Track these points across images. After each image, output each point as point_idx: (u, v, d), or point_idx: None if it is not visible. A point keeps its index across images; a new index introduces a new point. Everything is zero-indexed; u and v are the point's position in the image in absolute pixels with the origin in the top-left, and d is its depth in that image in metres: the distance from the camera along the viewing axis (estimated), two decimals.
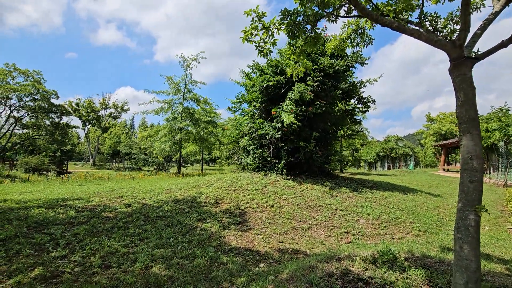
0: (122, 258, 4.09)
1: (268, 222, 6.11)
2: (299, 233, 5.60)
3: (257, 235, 5.41)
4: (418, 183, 14.91)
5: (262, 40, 3.46)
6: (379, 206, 7.48)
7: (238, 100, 11.79)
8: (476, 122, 2.48)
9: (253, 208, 6.88)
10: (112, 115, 53.07)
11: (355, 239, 5.38)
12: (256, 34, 3.41)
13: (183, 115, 19.79)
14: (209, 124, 20.86)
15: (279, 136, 9.33)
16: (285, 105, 9.05)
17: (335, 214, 6.65)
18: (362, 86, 10.72)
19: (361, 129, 10.85)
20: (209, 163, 72.05)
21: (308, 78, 9.32)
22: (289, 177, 9.79)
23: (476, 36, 2.75)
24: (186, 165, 50.56)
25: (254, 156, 11.01)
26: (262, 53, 3.59)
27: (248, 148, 11.29)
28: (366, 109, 10.76)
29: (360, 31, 4.26)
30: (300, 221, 6.20)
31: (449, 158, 36.50)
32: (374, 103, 10.47)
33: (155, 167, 42.76)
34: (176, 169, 41.53)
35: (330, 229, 5.80)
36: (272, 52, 3.65)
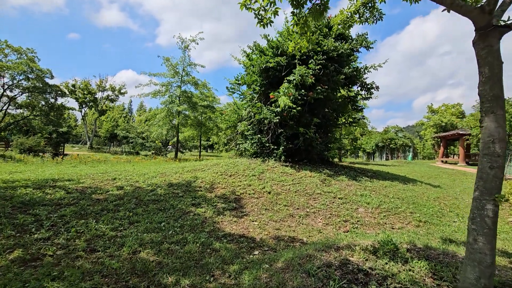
0: (109, 242, 3.88)
1: (265, 209, 5.91)
2: (296, 221, 5.41)
3: (253, 221, 5.21)
4: (417, 174, 14.79)
5: (262, 8, 3.10)
6: (378, 195, 7.30)
7: (237, 81, 11.38)
8: (501, 101, 2.19)
9: (249, 194, 6.67)
10: (109, 97, 52.13)
11: (354, 228, 5.20)
12: (256, 0, 3.05)
13: (180, 98, 19.32)
14: (207, 109, 20.40)
15: (278, 120, 9.02)
16: (283, 88, 8.68)
17: (333, 202, 6.46)
18: (366, 71, 10.33)
19: (362, 117, 10.57)
20: (207, 149, 71.91)
21: (310, 61, 8.92)
22: (287, 164, 9.56)
23: (505, 5, 2.41)
24: (184, 150, 50.35)
25: (252, 141, 10.73)
26: (261, 23, 3.23)
27: (246, 133, 11.00)
28: (369, 95, 10.40)
29: (370, 4, 3.88)
30: (298, 209, 6.01)
31: (448, 150, 36.45)
32: (378, 90, 10.12)
33: (153, 151, 42.58)
34: (173, 154, 41.42)
35: (328, 217, 5.61)
36: (273, 22, 3.29)
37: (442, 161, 32.79)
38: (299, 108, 8.77)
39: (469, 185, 11.61)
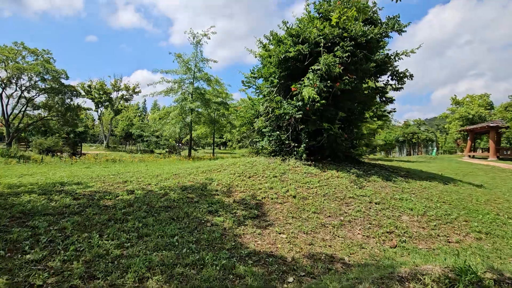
0: (112, 264, 3.23)
1: (291, 217, 5.13)
2: (330, 232, 4.60)
3: (280, 233, 4.45)
4: (450, 171, 13.54)
5: None
6: (420, 199, 6.36)
7: (252, 75, 10.59)
8: None
9: (272, 199, 5.91)
10: (124, 97, 52.75)
11: (402, 242, 4.34)
12: None
13: (193, 95, 18.76)
14: (220, 106, 19.77)
15: (300, 116, 8.17)
16: (307, 78, 7.80)
17: (370, 208, 5.59)
18: (397, 58, 9.27)
19: (394, 109, 9.52)
20: (220, 146, 71.81)
21: (335, 49, 7.99)
22: (310, 163, 8.73)
23: None
24: (197, 148, 50.27)
25: (271, 139, 9.95)
26: None
27: (263, 130, 10.22)
28: (400, 85, 9.34)
29: None
30: (329, 216, 5.19)
31: (475, 144, 34.19)
32: (412, 78, 9.04)
33: (167, 149, 42.57)
34: (187, 152, 41.29)
35: (367, 228, 4.77)
36: None
37: (469, 156, 30.76)
38: (323, 101, 7.89)
39: None
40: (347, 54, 7.71)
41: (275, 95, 9.22)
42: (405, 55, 9.25)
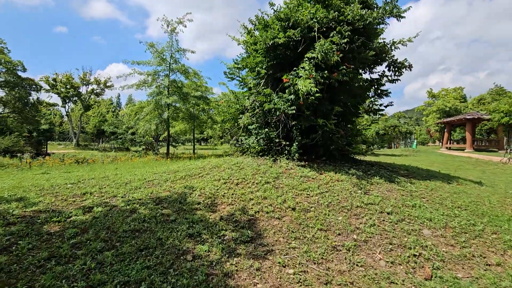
0: None
1: (294, 237, 4.12)
2: (346, 259, 3.64)
3: (284, 266, 3.41)
4: (439, 165, 13.24)
5: None
6: (433, 204, 5.60)
7: (236, 65, 9.40)
8: None
9: (267, 213, 4.86)
10: (95, 91, 49.23)
11: (435, 269, 3.46)
12: None
13: (170, 89, 17.17)
14: (200, 100, 18.30)
15: (293, 111, 7.15)
16: (302, 68, 6.77)
17: (383, 220, 4.71)
18: (393, 48, 8.48)
19: (391, 103, 8.79)
20: (201, 142, 69.81)
21: (332, 34, 7.00)
22: (303, 163, 7.78)
23: None
24: (176, 144, 48.16)
25: (259, 137, 8.88)
26: None
27: (250, 127, 9.12)
28: (397, 77, 8.60)
29: None
30: (340, 235, 4.24)
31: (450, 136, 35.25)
32: (411, 69, 8.30)
33: (144, 147, 40.24)
34: (168, 149, 39.18)
35: (389, 249, 3.86)
36: None
37: (447, 148, 31.62)
38: (318, 94, 6.92)
39: (509, 178, 10.09)
40: (345, 40, 6.75)
41: (263, 88, 8.12)
42: (402, 44, 8.45)
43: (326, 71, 6.79)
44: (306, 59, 6.77)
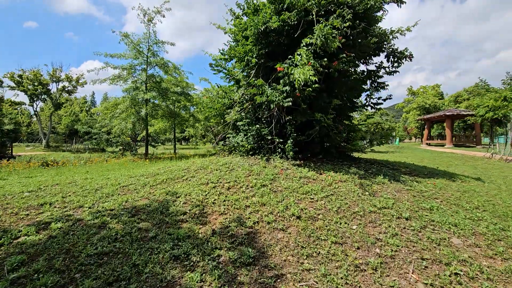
0: None
1: (306, 255, 3.35)
2: (375, 282, 2.91)
3: None
4: (430, 162, 13.06)
5: None
6: (449, 205, 5.05)
7: (223, 56, 8.48)
8: None
9: (268, 223, 4.05)
10: (66, 89, 46.01)
11: None
12: None
13: (148, 84, 15.85)
14: (181, 96, 17.08)
15: (290, 104, 6.38)
16: (298, 55, 5.98)
17: (404, 227, 4.05)
18: (391, 37, 7.93)
19: (389, 96, 8.27)
20: (182, 141, 67.72)
21: (331, 18, 6.29)
22: (299, 163, 7.06)
23: None
24: (156, 144, 46.07)
25: (248, 134, 8.06)
26: None
27: (238, 123, 8.27)
28: (396, 68, 8.07)
29: None
30: (359, 248, 3.51)
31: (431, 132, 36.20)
32: (411, 59, 7.79)
33: (121, 147, 37.96)
34: (147, 149, 37.16)
35: (423, 266, 3.18)
36: None
37: (427, 144, 32.36)
38: (316, 85, 6.20)
39: (501, 174, 9.95)
40: (347, 23, 6.05)
41: (254, 79, 7.28)
42: (400, 34, 7.94)
43: (325, 59, 6.06)
44: (304, 44, 6.00)
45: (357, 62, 7.52)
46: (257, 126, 7.68)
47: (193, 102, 19.40)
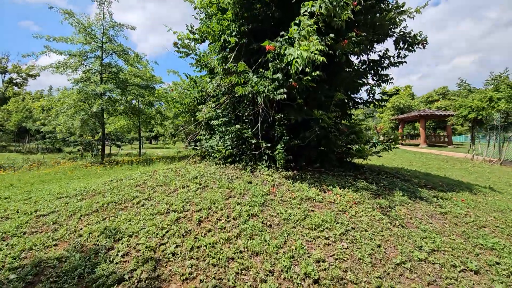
0: None
1: None
2: None
3: None
4: (420, 165, 12.18)
5: None
6: (508, 237, 3.69)
7: (192, 36, 6.54)
8: None
9: None
10: (14, 81, 40.57)
11: None
12: None
13: (102, 74, 13.31)
14: (144, 90, 14.68)
15: (284, 96, 4.69)
16: (296, 24, 4.27)
17: None
18: (398, 20, 6.56)
19: (396, 91, 7.01)
20: (151, 140, 63.59)
21: None
22: (292, 173, 5.46)
23: None
24: (122, 144, 42.13)
25: (226, 136, 6.27)
26: None
27: (213, 122, 6.43)
28: (403, 58, 6.72)
29: None
30: None
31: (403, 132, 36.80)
32: (425, 46, 6.47)
33: (80, 147, 33.86)
34: (110, 149, 33.48)
35: None
36: None
37: (402, 144, 32.66)
38: (317, 72, 4.59)
39: (500, 179, 9.17)
40: None
41: (233, 64, 5.48)
42: (408, 16, 6.60)
43: (332, 35, 4.44)
44: (305, 11, 4.30)
45: (368, 46, 6.01)
46: (238, 126, 5.91)
47: (162, 98, 17.07)
